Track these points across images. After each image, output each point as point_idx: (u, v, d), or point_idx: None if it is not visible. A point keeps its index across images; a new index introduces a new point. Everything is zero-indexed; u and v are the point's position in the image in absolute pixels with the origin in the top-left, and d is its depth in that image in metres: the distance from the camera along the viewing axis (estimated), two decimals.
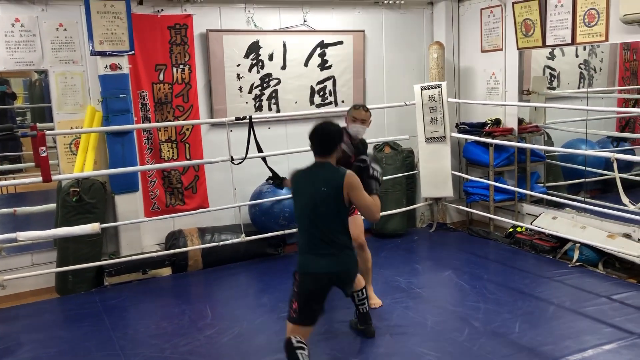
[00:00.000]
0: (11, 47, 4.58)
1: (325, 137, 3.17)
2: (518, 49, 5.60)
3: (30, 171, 5.31)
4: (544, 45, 5.32)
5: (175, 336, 3.87)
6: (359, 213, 4.02)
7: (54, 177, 4.35)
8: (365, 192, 3.14)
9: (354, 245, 3.94)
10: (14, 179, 5.60)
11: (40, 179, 4.26)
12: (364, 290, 3.74)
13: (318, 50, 5.75)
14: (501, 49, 5.81)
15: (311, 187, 3.11)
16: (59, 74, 4.78)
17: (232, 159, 4.88)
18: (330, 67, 5.83)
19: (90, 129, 4.74)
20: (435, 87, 5.73)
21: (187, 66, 5.21)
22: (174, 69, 5.16)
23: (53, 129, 4.77)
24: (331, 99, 5.89)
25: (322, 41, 5.75)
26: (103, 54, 4.65)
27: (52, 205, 4.84)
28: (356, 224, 4.02)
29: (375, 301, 4.23)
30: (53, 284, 4.78)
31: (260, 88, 5.55)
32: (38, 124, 4.45)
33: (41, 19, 4.66)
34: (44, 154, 4.19)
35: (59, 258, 4.73)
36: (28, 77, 5.43)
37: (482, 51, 6.03)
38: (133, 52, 4.78)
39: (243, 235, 5.12)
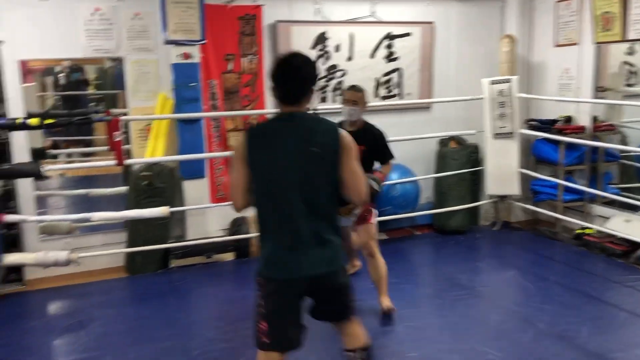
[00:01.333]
0: (91, 35, 4.77)
1: (301, 72, 2.24)
2: (595, 43, 5.37)
3: (101, 155, 5.52)
4: (624, 39, 5.07)
5: (238, 320, 3.96)
6: (372, 220, 3.88)
7: (126, 162, 4.53)
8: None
9: (365, 255, 3.86)
10: (86, 162, 5.83)
11: (113, 162, 4.44)
12: (370, 351, 2.56)
13: (385, 42, 5.70)
14: (576, 44, 5.58)
15: (292, 147, 2.19)
16: (134, 62, 4.95)
17: None
18: (396, 59, 5.78)
19: (161, 115, 4.90)
20: (505, 82, 5.58)
21: (255, 56, 5.28)
22: (243, 59, 5.24)
23: (125, 115, 4.95)
24: (396, 91, 5.84)
25: (390, 33, 5.70)
26: (176, 42, 4.78)
27: (124, 188, 5.04)
28: (368, 231, 3.89)
29: (388, 304, 3.91)
30: (122, 263, 4.98)
31: (325, 79, 5.57)
32: (110, 110, 4.65)
33: (119, 8, 4.83)
34: (118, 139, 4.37)
35: (129, 239, 4.93)
36: (102, 65, 5.63)
37: (556, 45, 5.81)
38: (204, 41, 4.90)
39: None
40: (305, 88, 2.27)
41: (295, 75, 2.25)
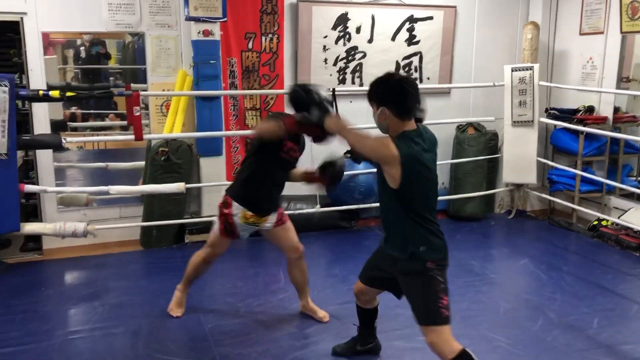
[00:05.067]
0: (113, 9, 4.79)
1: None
2: (621, 32, 5.27)
3: (117, 129, 5.56)
4: None
5: (249, 296, 4.02)
6: (287, 219, 3.61)
7: (145, 136, 4.57)
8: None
9: (292, 257, 3.58)
10: (105, 135, 5.89)
11: (132, 136, 4.48)
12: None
13: (407, 25, 5.65)
14: (602, 32, 5.49)
15: (433, 157, 2.64)
16: (155, 37, 4.97)
17: None
18: (417, 42, 5.72)
19: (180, 92, 4.92)
20: (527, 69, 5.51)
21: (276, 35, 5.26)
22: (263, 38, 5.23)
23: (145, 90, 4.98)
24: (416, 75, 5.79)
25: (412, 16, 5.64)
26: (197, 19, 4.77)
27: (141, 163, 5.08)
28: (292, 231, 3.60)
29: (322, 314, 3.73)
30: (138, 236, 5.05)
31: (345, 61, 5.54)
32: (130, 85, 4.68)
33: None
34: (138, 113, 4.40)
35: (145, 213, 4.99)
36: (122, 39, 5.66)
37: (581, 34, 5.72)
38: (225, 19, 4.89)
39: (318, 205, 5.19)
40: None
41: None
